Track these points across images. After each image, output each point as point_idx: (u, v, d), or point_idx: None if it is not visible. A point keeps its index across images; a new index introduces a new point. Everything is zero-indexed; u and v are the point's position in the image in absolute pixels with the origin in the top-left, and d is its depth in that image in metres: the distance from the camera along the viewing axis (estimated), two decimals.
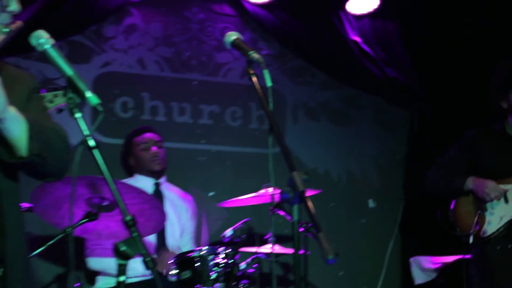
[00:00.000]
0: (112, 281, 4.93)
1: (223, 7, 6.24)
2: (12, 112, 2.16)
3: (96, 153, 2.35)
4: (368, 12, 6.30)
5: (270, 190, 4.63)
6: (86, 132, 2.37)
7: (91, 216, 4.03)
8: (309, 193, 4.68)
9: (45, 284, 5.39)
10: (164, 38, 6.06)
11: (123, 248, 2.30)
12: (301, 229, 4.53)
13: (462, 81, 6.06)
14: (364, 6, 6.22)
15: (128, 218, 2.33)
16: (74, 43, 5.79)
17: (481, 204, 4.59)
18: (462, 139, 4.83)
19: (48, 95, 3.83)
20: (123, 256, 2.31)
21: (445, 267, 5.65)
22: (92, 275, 5.17)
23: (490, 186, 4.55)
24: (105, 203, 4.05)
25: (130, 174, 5.34)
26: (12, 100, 2.25)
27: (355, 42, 6.28)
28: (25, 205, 4.36)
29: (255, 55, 2.87)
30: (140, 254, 2.31)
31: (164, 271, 4.74)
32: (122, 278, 2.36)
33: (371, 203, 6.55)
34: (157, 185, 5.28)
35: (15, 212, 2.32)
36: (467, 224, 4.59)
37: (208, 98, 6.15)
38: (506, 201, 4.56)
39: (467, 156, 4.73)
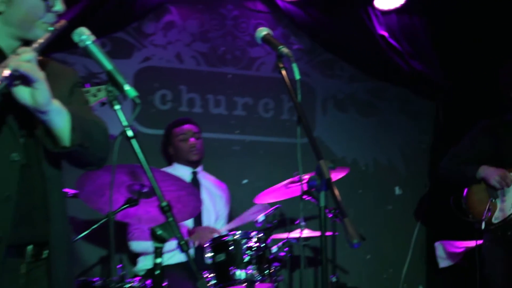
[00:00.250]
0: (149, 262, 5.00)
1: (256, 4, 6.23)
2: (56, 105, 2.16)
3: (134, 142, 2.34)
4: (395, 8, 6.25)
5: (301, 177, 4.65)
6: (124, 123, 2.35)
7: (131, 202, 4.07)
8: (337, 174, 4.73)
9: (90, 265, 5.46)
10: (200, 34, 6.08)
11: (159, 232, 2.32)
12: (330, 215, 4.60)
13: (485, 73, 5.98)
14: (391, 2, 6.18)
15: (163, 204, 2.34)
16: (116, 39, 5.83)
17: (492, 191, 4.60)
18: (474, 129, 4.83)
19: (92, 89, 3.89)
20: (159, 240, 2.34)
21: (469, 251, 5.63)
22: (134, 257, 5.25)
23: (501, 175, 4.56)
24: (145, 190, 4.10)
25: (170, 163, 5.41)
26: (56, 93, 2.25)
27: (383, 36, 6.25)
28: (71, 191, 4.44)
29: (284, 50, 2.86)
30: (176, 238, 2.33)
31: (197, 243, 4.83)
32: (158, 260, 2.38)
33: (397, 190, 6.53)
34: (194, 173, 5.34)
35: (58, 198, 2.33)
36: (479, 211, 4.61)
37: (242, 91, 6.16)
38: None
39: (479, 146, 4.73)
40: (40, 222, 2.25)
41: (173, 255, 5.00)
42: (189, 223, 5.06)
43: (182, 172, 5.22)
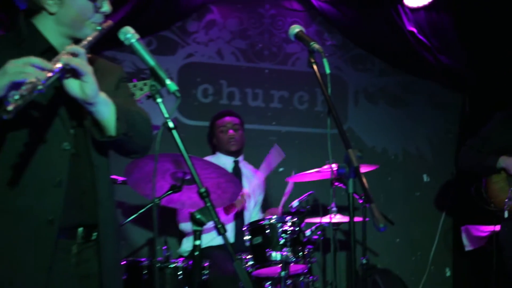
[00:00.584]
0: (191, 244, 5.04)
1: (292, 3, 6.25)
2: (102, 97, 2.19)
3: (175, 133, 2.35)
4: (424, 5, 6.22)
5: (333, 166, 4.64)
6: (166, 115, 2.37)
7: (175, 189, 4.13)
8: (366, 168, 4.73)
9: (138, 247, 5.54)
10: (239, 31, 6.11)
11: (198, 216, 2.34)
12: (361, 201, 4.60)
13: (509, 67, 5.95)
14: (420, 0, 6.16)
15: (202, 190, 2.35)
16: (162, 37, 5.89)
17: None
18: (492, 120, 4.79)
19: (139, 84, 3.93)
20: (198, 223, 2.35)
21: (493, 235, 5.60)
22: (179, 239, 5.31)
23: None
24: (187, 177, 4.16)
25: (214, 152, 5.46)
26: (103, 87, 2.28)
27: (412, 32, 6.21)
28: (120, 178, 4.51)
29: (315, 46, 2.79)
30: (213, 222, 2.35)
31: (239, 207, 4.93)
32: (197, 242, 2.40)
33: (425, 178, 6.50)
34: (236, 162, 5.39)
35: (106, 184, 2.36)
36: (500, 200, 4.57)
37: (278, 85, 6.17)
38: None
39: (498, 136, 4.67)
40: (89, 206, 2.28)
41: (215, 237, 5.05)
42: None
43: (224, 161, 5.28)
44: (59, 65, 2.04)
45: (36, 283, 2.14)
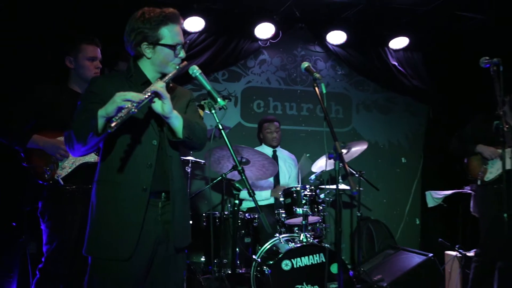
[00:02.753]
0: (248, 204, 5.08)
1: (316, 47, 6.22)
2: (175, 113, 2.22)
3: (223, 133, 2.39)
4: (402, 47, 6.13)
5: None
6: (217, 121, 2.42)
7: (235, 167, 4.16)
8: (361, 147, 4.66)
9: (214, 204, 5.58)
10: (281, 66, 6.10)
11: (236, 184, 2.39)
12: (356, 174, 4.54)
13: (460, 87, 5.83)
14: (400, 43, 6.05)
15: (239, 168, 2.39)
16: (231, 70, 5.93)
17: (485, 161, 4.49)
18: (473, 121, 4.69)
19: (206, 102, 3.98)
20: (236, 189, 2.40)
21: (447, 197, 5.54)
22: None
23: (492, 150, 4.44)
24: (243, 160, 4.17)
25: (260, 143, 5.45)
26: (178, 106, 2.34)
27: (394, 65, 6.13)
28: (201, 161, 4.58)
29: (316, 75, 2.83)
30: (246, 188, 2.39)
31: (275, 195, 4.91)
32: (236, 201, 2.45)
33: (403, 160, 6.42)
34: (274, 151, 5.33)
35: (177, 167, 2.35)
36: (476, 173, 4.52)
37: (306, 100, 6.15)
38: (501, 160, 4.43)
39: (475, 132, 4.59)
40: (167, 180, 2.30)
41: (263, 200, 5.09)
42: (271, 179, 5.09)
43: (267, 150, 5.26)
44: (150, 92, 2.11)
45: (136, 225, 2.20)
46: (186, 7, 5.35)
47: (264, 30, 5.64)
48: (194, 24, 5.43)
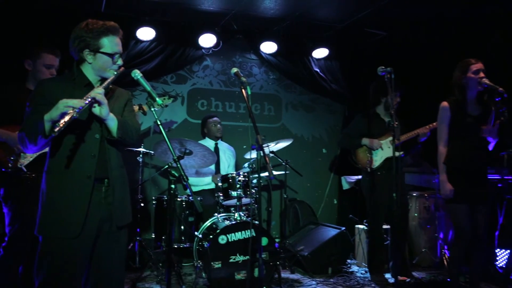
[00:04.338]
0: (194, 188, 5.05)
1: (251, 55, 6.21)
2: (111, 116, 2.20)
3: (162, 128, 2.37)
4: (323, 57, 6.22)
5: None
6: (155, 117, 2.39)
7: (179, 157, 4.12)
8: (286, 143, 4.71)
9: (163, 190, 5.51)
10: (222, 71, 6.07)
11: (172, 171, 2.37)
12: (283, 162, 4.57)
13: (366, 90, 6.03)
14: (321, 53, 6.14)
15: (174, 157, 2.37)
16: (179, 74, 5.86)
17: (370, 151, 4.58)
18: (356, 118, 4.79)
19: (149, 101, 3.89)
20: (172, 175, 2.38)
21: (358, 180, 5.68)
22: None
23: (375, 142, 4.54)
24: (187, 151, 4.14)
25: (204, 137, 5.42)
26: (117, 106, 2.31)
27: (316, 71, 6.23)
28: (151, 151, 4.49)
29: (243, 79, 2.81)
30: (182, 175, 2.37)
31: (215, 181, 4.83)
32: (173, 186, 2.43)
33: (324, 150, 6.53)
34: (216, 144, 5.33)
35: (115, 158, 2.29)
36: (364, 162, 4.60)
37: (243, 100, 6.00)
38: (382, 149, 4.56)
39: (360, 127, 4.68)
40: (108, 168, 2.25)
41: (206, 184, 5.07)
42: (212, 167, 5.08)
43: (210, 143, 5.25)
44: (90, 98, 2.07)
45: (83, 206, 2.16)
46: (138, 19, 5.27)
47: (207, 40, 5.63)
48: (146, 33, 5.35)
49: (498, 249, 4.66)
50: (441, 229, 5.19)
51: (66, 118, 1.96)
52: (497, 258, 4.67)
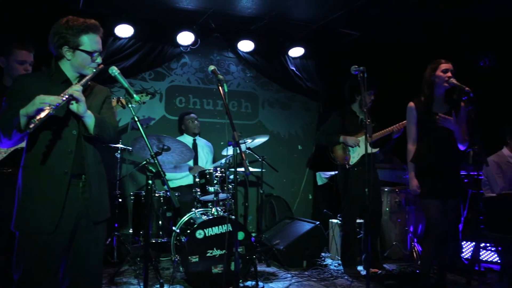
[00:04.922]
0: (172, 184, 5.02)
1: (229, 53, 6.20)
2: (89, 113, 2.16)
3: (139, 124, 2.35)
4: (299, 55, 6.25)
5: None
6: (133, 114, 2.37)
7: (157, 153, 4.08)
8: (263, 139, 4.72)
9: (141, 186, 5.45)
10: (199, 68, 6.04)
11: (150, 167, 2.35)
12: (260, 159, 4.57)
13: (341, 88, 6.08)
14: (297, 52, 6.17)
15: (152, 153, 2.36)
16: (157, 71, 5.82)
17: (348, 148, 4.62)
18: (332, 115, 4.79)
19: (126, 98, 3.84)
20: (149, 171, 2.37)
21: (332, 176, 5.74)
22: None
23: (352, 139, 4.57)
24: (165, 147, 4.11)
25: (181, 134, 5.39)
26: (95, 103, 2.28)
27: (292, 70, 6.26)
28: (129, 148, 4.43)
29: (220, 77, 2.77)
30: (159, 171, 2.35)
31: (192, 173, 4.83)
32: (150, 182, 2.41)
33: (300, 147, 6.56)
34: (194, 140, 5.32)
35: (91, 154, 2.26)
36: (342, 158, 4.63)
37: (220, 97, 5.99)
38: (359, 146, 4.61)
39: (336, 124, 4.70)
40: (85, 165, 2.22)
41: (183, 178, 5.04)
42: (191, 163, 5.05)
43: (188, 139, 5.23)
44: (67, 95, 2.05)
45: (59, 202, 2.14)
46: (117, 16, 5.21)
47: (185, 38, 5.60)
48: (124, 30, 5.29)
49: (464, 242, 4.80)
50: (411, 223, 5.31)
51: (42, 115, 1.93)
52: (463, 250, 4.81)
